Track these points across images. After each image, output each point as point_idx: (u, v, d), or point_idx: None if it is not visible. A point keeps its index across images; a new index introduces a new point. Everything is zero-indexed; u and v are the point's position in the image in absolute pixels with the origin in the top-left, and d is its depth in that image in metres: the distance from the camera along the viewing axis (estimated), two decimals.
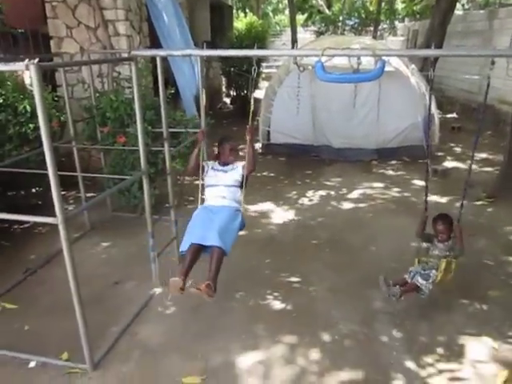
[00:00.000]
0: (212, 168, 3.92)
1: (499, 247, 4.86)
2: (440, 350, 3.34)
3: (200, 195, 3.87)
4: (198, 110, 4.96)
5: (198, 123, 5.08)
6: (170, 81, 6.87)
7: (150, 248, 3.94)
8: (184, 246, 3.50)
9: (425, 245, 3.82)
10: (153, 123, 5.05)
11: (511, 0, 16.10)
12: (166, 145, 3.98)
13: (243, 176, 3.82)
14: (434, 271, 3.63)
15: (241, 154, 4.11)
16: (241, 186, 3.85)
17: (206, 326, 3.62)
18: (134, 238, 4.97)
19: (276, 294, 4.05)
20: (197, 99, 6.86)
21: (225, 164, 3.92)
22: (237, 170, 3.85)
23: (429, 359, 3.25)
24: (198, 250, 3.50)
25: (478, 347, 3.36)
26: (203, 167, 3.86)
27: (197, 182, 6.03)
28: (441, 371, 3.14)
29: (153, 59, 4.90)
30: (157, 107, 4.65)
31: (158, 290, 4.07)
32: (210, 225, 3.53)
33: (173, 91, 5.43)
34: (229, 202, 3.77)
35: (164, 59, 3.73)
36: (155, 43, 7.08)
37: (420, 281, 3.62)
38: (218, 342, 3.45)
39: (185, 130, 5.19)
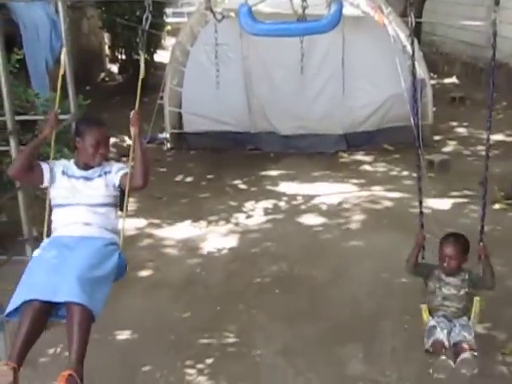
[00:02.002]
0: (64, 173, 3.51)
1: None
2: None
3: (46, 221, 3.55)
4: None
5: (67, 105, 5.00)
6: (17, 41, 6.72)
7: None
8: (12, 305, 3.06)
9: (430, 286, 3.70)
10: None
11: None
12: (12, 142, 3.86)
13: (121, 190, 3.50)
14: (465, 318, 3.57)
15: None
16: (118, 206, 3.56)
17: None
18: None
19: (201, 364, 4.02)
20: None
21: (87, 167, 3.53)
22: (109, 177, 3.50)
23: None
24: (42, 313, 3.09)
25: None
26: (42, 171, 3.47)
27: None
28: None
29: None
30: None
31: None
32: (62, 266, 3.14)
33: (22, 57, 5.30)
34: (97, 232, 3.43)
35: (2, 6, 3.65)
36: None
37: (468, 336, 3.45)
38: None
39: (44, 117, 5.07)
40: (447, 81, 13.23)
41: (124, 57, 13.14)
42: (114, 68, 13.93)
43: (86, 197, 3.44)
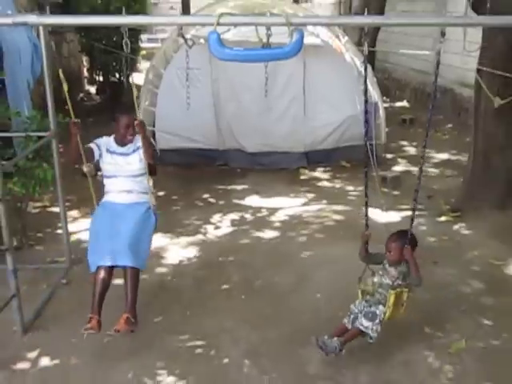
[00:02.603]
0: (108, 151, 4.41)
1: (469, 277, 5.21)
2: None
3: (92, 187, 4.46)
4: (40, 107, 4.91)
5: (47, 123, 4.95)
6: (0, 62, 6.62)
7: None
8: (93, 266, 4.13)
9: (372, 269, 4.14)
10: None
11: None
12: None
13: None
14: (381, 307, 3.91)
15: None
16: (147, 172, 4.44)
17: None
18: None
19: (172, 365, 3.99)
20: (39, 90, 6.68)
21: (123, 144, 4.41)
22: (141, 152, 4.33)
23: None
24: (109, 272, 4.14)
25: None
26: (92, 152, 4.40)
27: (52, 210, 5.84)
28: None
29: None
30: None
31: None
32: (117, 236, 4.09)
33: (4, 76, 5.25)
34: (136, 197, 4.40)
35: None
36: None
37: (365, 323, 3.87)
38: None
39: (25, 133, 5.01)
40: (398, 104, 13.44)
41: (101, 78, 13.07)
42: (92, 89, 13.84)
43: (126, 170, 4.39)
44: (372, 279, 4.11)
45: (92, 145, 4.45)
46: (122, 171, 4.39)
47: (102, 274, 4.09)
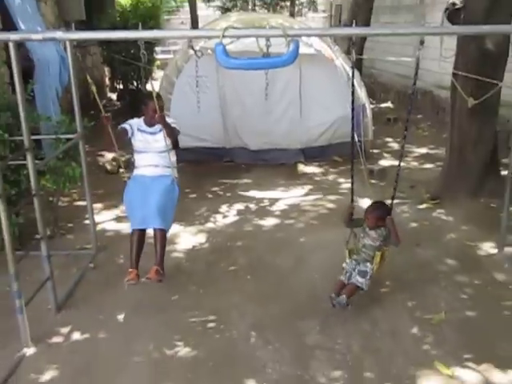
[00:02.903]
0: (138, 130, 4.64)
1: (447, 257, 5.21)
2: None
3: (133, 159, 4.79)
4: (68, 112, 4.93)
5: (74, 126, 4.96)
6: (33, 73, 6.62)
7: (15, 295, 3.73)
8: (130, 229, 4.53)
9: (355, 231, 4.43)
10: (10, 129, 4.82)
11: None
12: (28, 157, 3.81)
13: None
14: (368, 264, 4.18)
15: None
16: (172, 148, 4.71)
17: None
18: None
19: (186, 339, 4.00)
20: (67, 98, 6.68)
21: (151, 124, 4.63)
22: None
23: None
24: (142, 234, 4.50)
25: (432, 377, 3.57)
26: (126, 131, 4.61)
27: (80, 203, 5.84)
28: None
29: (6, 45, 4.68)
30: (15, 108, 4.45)
31: (29, 351, 3.85)
32: (147, 203, 4.38)
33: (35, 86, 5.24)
34: (162, 171, 4.62)
35: (21, 45, 3.60)
36: (8, 23, 6.77)
37: (359, 280, 4.14)
38: None
39: (55, 136, 5.01)
40: (384, 105, 13.40)
41: (121, 86, 13.05)
42: (113, 96, 13.82)
43: (154, 147, 4.64)
44: (356, 241, 4.40)
45: (125, 125, 4.67)
46: (150, 147, 4.64)
47: (136, 235, 4.44)
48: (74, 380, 3.60)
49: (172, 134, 4.59)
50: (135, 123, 4.73)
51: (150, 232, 4.65)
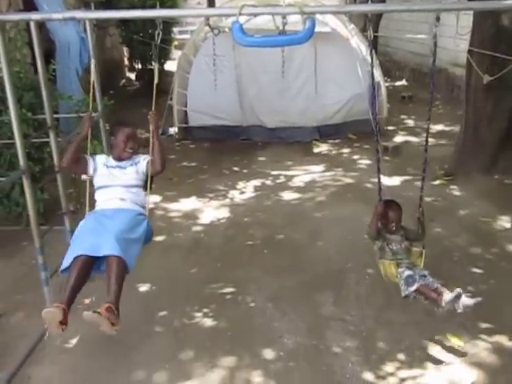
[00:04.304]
0: (104, 164, 3.65)
1: (461, 232, 5.19)
2: (401, 356, 3.52)
3: (88, 199, 3.65)
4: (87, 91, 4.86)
5: (95, 105, 4.97)
6: (54, 54, 6.65)
7: (41, 267, 3.80)
8: (66, 263, 3.21)
9: (378, 244, 3.74)
10: (33, 108, 4.86)
11: None
12: (51, 135, 3.85)
13: (147, 175, 3.57)
14: (421, 268, 3.67)
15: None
16: (145, 187, 3.64)
17: (121, 359, 3.56)
18: (20, 257, 4.79)
19: (206, 309, 4.06)
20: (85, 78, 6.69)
21: (121, 159, 3.64)
22: (139, 166, 3.62)
23: (389, 368, 3.42)
24: (87, 265, 3.22)
25: (443, 348, 3.59)
26: (87, 163, 3.62)
27: None
28: (403, 380, 3.32)
29: (28, 26, 4.70)
30: (37, 88, 4.48)
31: None
32: (102, 231, 3.26)
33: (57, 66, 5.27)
34: (129, 205, 3.53)
35: (43, 25, 3.61)
36: (30, 5, 6.78)
37: (432, 279, 3.59)
38: (137, 377, 3.40)
39: (76, 114, 5.04)
40: (398, 83, 13.23)
41: (140, 66, 13.03)
42: (132, 76, 13.79)
43: (122, 180, 3.58)
44: (382, 252, 3.72)
45: (87, 157, 3.68)
46: (118, 181, 3.58)
47: (77, 264, 3.19)
48: (98, 346, 3.68)
49: (162, 152, 3.52)
50: (101, 157, 3.75)
51: None
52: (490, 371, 3.35)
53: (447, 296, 3.38)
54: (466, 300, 3.37)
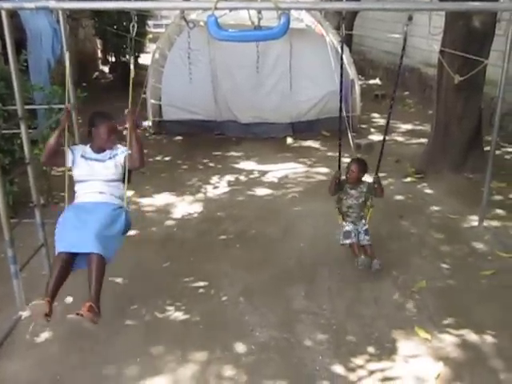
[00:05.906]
0: (82, 156, 3.73)
1: (430, 229, 5.29)
2: (370, 349, 3.58)
3: (67, 192, 3.77)
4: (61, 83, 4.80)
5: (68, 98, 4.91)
6: (25, 44, 6.54)
7: (11, 260, 3.76)
8: (56, 252, 3.48)
9: (339, 193, 4.52)
10: (4, 99, 4.78)
11: None
12: (22, 126, 3.79)
13: (125, 168, 3.68)
14: (364, 221, 4.44)
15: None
16: (123, 180, 3.73)
17: (92, 354, 3.53)
18: None
19: (178, 303, 4.06)
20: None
21: (100, 150, 3.74)
22: (117, 159, 3.71)
23: (358, 360, 3.48)
24: (69, 261, 3.44)
25: (411, 341, 3.66)
26: (66, 155, 3.71)
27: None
28: (372, 372, 3.38)
29: None
30: (8, 78, 4.41)
31: (24, 314, 3.89)
32: (83, 228, 3.40)
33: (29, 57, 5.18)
34: (108, 198, 3.66)
35: (14, 14, 3.54)
36: None
37: (368, 238, 4.37)
38: (107, 371, 3.39)
39: (48, 106, 4.97)
40: (372, 82, 13.38)
41: (113, 59, 12.90)
42: (106, 68, 13.65)
43: (102, 175, 3.69)
44: (341, 205, 4.52)
45: (66, 149, 3.74)
46: (97, 175, 3.68)
47: (61, 259, 3.42)
48: (68, 341, 3.65)
49: (141, 149, 3.63)
50: (79, 149, 3.82)
51: None
52: (455, 364, 3.43)
53: (360, 259, 4.16)
54: (375, 264, 4.19)
